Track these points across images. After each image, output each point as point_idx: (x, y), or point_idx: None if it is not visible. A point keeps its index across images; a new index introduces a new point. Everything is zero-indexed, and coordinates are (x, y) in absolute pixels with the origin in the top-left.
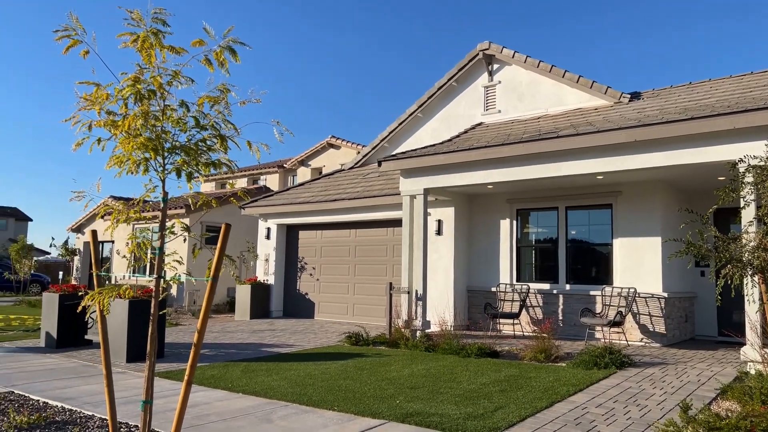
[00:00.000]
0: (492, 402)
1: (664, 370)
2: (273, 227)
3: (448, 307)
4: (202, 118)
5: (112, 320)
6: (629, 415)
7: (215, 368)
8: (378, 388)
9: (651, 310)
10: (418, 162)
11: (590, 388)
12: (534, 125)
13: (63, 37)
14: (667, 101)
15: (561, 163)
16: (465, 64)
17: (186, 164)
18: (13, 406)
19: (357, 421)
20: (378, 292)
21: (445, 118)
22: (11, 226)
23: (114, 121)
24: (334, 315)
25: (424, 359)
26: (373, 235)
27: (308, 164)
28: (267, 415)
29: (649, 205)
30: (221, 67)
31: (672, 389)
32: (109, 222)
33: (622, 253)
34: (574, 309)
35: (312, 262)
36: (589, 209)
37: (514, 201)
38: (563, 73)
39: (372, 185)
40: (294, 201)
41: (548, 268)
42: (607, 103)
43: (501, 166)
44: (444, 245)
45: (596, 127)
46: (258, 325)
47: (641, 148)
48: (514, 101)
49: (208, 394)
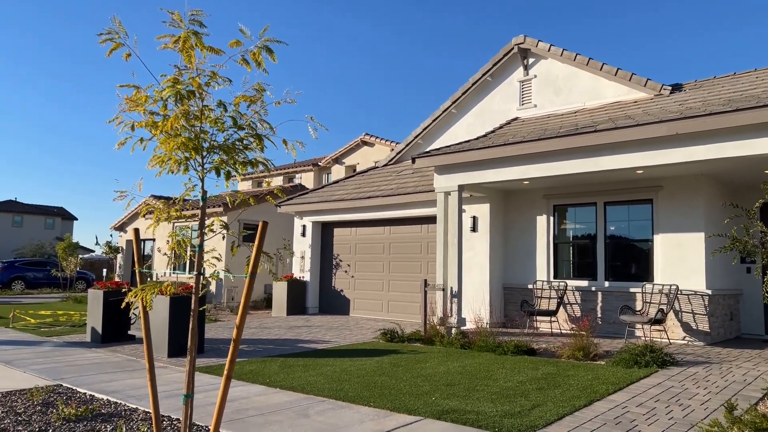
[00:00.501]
0: (529, 400)
1: (708, 369)
2: (308, 225)
3: (484, 305)
4: (239, 117)
5: (154, 316)
6: (671, 415)
7: (254, 363)
8: (413, 384)
9: (694, 307)
10: (453, 158)
11: (630, 387)
12: (571, 119)
13: (106, 41)
14: (710, 92)
15: (599, 157)
16: (500, 59)
17: (224, 163)
18: (62, 398)
19: (393, 417)
20: (412, 289)
21: (480, 114)
22: (58, 225)
23: (155, 121)
24: (369, 312)
25: (460, 356)
26: (408, 232)
27: (342, 162)
28: (304, 410)
29: (692, 199)
30: (258, 67)
31: (716, 389)
32: (150, 220)
33: (663, 249)
34: (613, 306)
35: (347, 259)
36: (629, 204)
37: (550, 197)
38: (601, 65)
39: (406, 182)
40: (328, 199)
41: (586, 264)
42: (647, 96)
43: (537, 162)
44: (479, 242)
45: (635, 121)
46: (294, 322)
47: (683, 141)
48: (550, 95)
49: (247, 389)
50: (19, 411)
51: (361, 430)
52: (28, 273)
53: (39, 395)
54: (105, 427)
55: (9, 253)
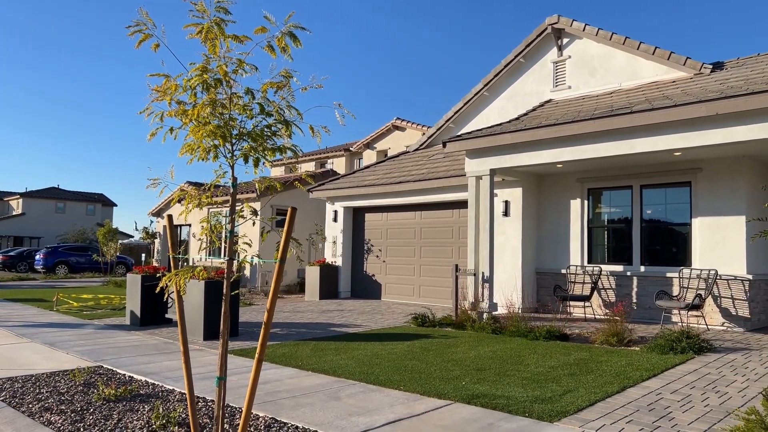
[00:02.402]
0: (560, 385)
1: (747, 356)
2: (340, 210)
3: (516, 290)
4: (267, 104)
5: (189, 300)
6: (707, 402)
7: (286, 347)
8: (444, 369)
9: (733, 292)
10: (484, 142)
11: (665, 373)
12: (606, 101)
13: (135, 32)
14: (753, 70)
15: (635, 140)
16: (533, 40)
17: (253, 150)
18: (102, 379)
19: (423, 401)
20: (444, 274)
21: (512, 96)
22: (98, 211)
23: (185, 110)
24: (401, 296)
25: (491, 341)
26: (439, 217)
27: (374, 147)
28: (335, 392)
29: (733, 182)
30: (283, 53)
31: (755, 376)
32: (184, 207)
33: (701, 233)
34: (649, 292)
35: (378, 244)
36: (666, 187)
37: (585, 180)
38: (638, 44)
39: (437, 167)
40: (360, 184)
41: (621, 249)
42: (686, 75)
43: (571, 144)
44: (511, 227)
45: (673, 101)
46: (327, 306)
47: (723, 121)
48: (585, 76)
49: (280, 372)
50: (62, 391)
51: (391, 413)
52: (70, 258)
53: (81, 376)
54: (143, 407)
55: (53, 238)
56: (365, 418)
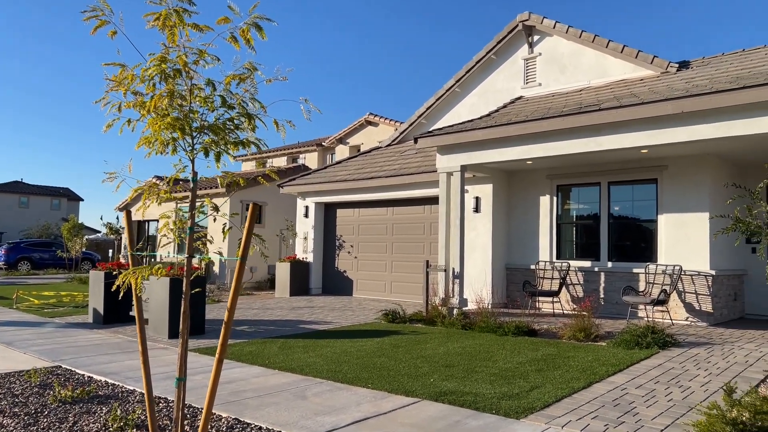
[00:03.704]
0: (528, 381)
1: (709, 350)
2: (311, 205)
3: (486, 285)
4: (229, 97)
5: (154, 298)
6: (671, 397)
7: (254, 344)
8: (413, 366)
9: (697, 288)
10: (455, 138)
11: (631, 368)
12: (575, 98)
13: (91, 18)
14: (717, 70)
15: (603, 137)
16: (504, 36)
17: (214, 144)
18: (59, 380)
19: (390, 398)
20: (415, 270)
21: (484, 93)
22: (64, 206)
23: (143, 101)
24: (372, 292)
25: (461, 337)
26: (410, 213)
27: (346, 142)
28: (302, 392)
29: (697, 179)
30: (247, 45)
31: (717, 370)
32: (151, 201)
33: (667, 229)
34: (616, 287)
35: (350, 240)
36: (633, 184)
37: (554, 177)
38: (607, 42)
39: (409, 162)
40: (331, 179)
41: (589, 245)
42: (653, 74)
43: (540, 141)
44: (482, 223)
45: (640, 99)
46: (297, 302)
47: (689, 119)
48: (555, 73)
49: (246, 371)
50: (17, 392)
51: (357, 411)
52: (34, 254)
53: (37, 377)
54: (101, 408)
55: (16, 234)
56: (331, 417)
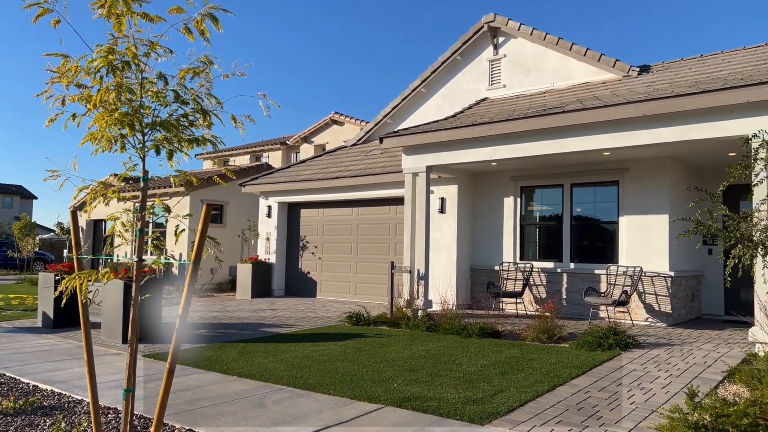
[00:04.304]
0: (492, 385)
1: (669, 351)
2: (274, 205)
3: (451, 286)
4: (184, 92)
5: (108, 301)
6: (633, 400)
7: (212, 349)
8: (376, 370)
9: (657, 289)
10: (421, 138)
11: (593, 370)
12: (539, 100)
13: (32, 5)
14: (677, 74)
15: (567, 139)
16: (469, 37)
17: (167, 141)
18: (1, 389)
19: (352, 405)
20: (380, 271)
21: (449, 94)
22: (16, 204)
23: (89, 95)
24: (336, 294)
25: (425, 340)
26: (376, 214)
27: (311, 141)
28: (261, 399)
29: (658, 182)
30: (202, 36)
31: (677, 372)
32: (112, 200)
33: (628, 231)
34: (578, 288)
35: (314, 240)
36: (595, 186)
37: (518, 178)
38: (570, 46)
39: (374, 162)
40: (295, 179)
41: (552, 246)
42: (615, 77)
43: (505, 143)
44: (447, 223)
45: (603, 102)
46: (259, 305)
47: (650, 123)
48: (520, 76)
49: (203, 377)
50: None
51: (318, 420)
52: None
53: None
54: (44, 421)
55: None
56: (290, 426)
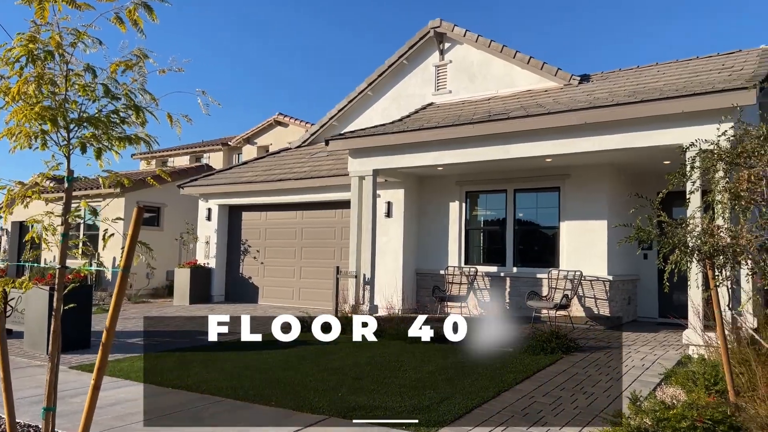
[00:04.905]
0: (438, 392)
1: (609, 354)
2: (214, 208)
3: (397, 291)
4: (115, 86)
5: (32, 309)
6: (576, 404)
7: (146, 359)
8: (320, 379)
9: (596, 292)
10: (368, 141)
11: (537, 374)
12: (485, 106)
13: None
14: (615, 84)
15: (512, 145)
16: (416, 42)
17: (95, 139)
18: None
19: (295, 417)
20: (325, 276)
21: (396, 98)
22: None
23: (8, 87)
24: (279, 300)
25: (371, 346)
26: (321, 217)
27: (254, 142)
28: (197, 413)
29: (597, 188)
30: (135, 27)
31: (617, 375)
32: (33, 202)
33: (568, 236)
34: (521, 292)
35: (256, 244)
36: (537, 192)
37: (463, 183)
38: (514, 53)
39: (320, 165)
40: (237, 180)
41: (496, 250)
42: (557, 85)
43: (452, 148)
44: (393, 228)
45: (547, 109)
46: (197, 311)
47: (592, 130)
48: (465, 81)
49: (135, 390)
50: None
51: None
52: None
53: None
54: None
55: None
56: None
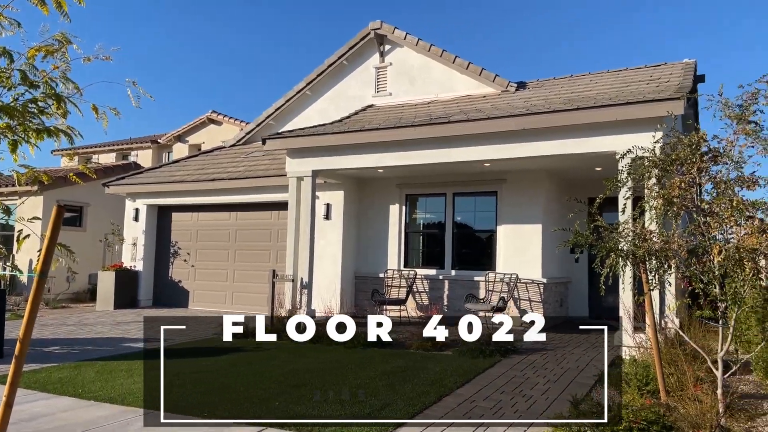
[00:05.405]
0: (379, 399)
1: (545, 356)
2: (142, 208)
3: (335, 295)
4: (33, 73)
5: None
6: (516, 408)
7: (65, 369)
8: (257, 387)
9: (531, 295)
10: (307, 141)
11: (477, 378)
12: (425, 110)
13: None
14: (551, 92)
15: (453, 148)
16: (356, 43)
17: (10, 130)
18: None
19: (230, 430)
20: (260, 280)
21: (335, 98)
22: None
23: None
24: (211, 304)
25: (309, 351)
26: (257, 219)
27: (186, 140)
28: (122, 427)
29: (533, 193)
30: (59, 10)
31: (554, 377)
32: None
33: (505, 239)
34: (459, 294)
35: (187, 246)
36: (476, 196)
37: (403, 186)
38: (453, 58)
39: (256, 165)
40: (167, 179)
41: (435, 253)
42: (494, 92)
43: (393, 150)
44: (332, 230)
45: (487, 114)
46: (123, 317)
47: (529, 136)
48: (406, 84)
49: (53, 403)
50: None
51: None
52: None
53: None
54: None
55: None
56: None
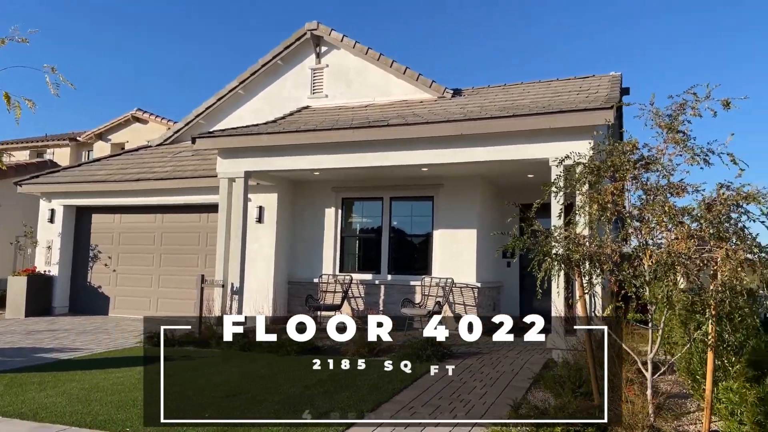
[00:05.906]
0: (315, 407)
1: (480, 360)
2: (59, 209)
3: (268, 301)
4: None
5: None
6: (455, 413)
7: None
8: (184, 400)
9: (465, 299)
10: (240, 141)
11: (415, 383)
12: (362, 113)
13: None
14: (486, 99)
15: (391, 152)
16: (292, 43)
17: None
18: None
19: None
20: (188, 285)
21: (269, 98)
22: None
23: None
24: (134, 311)
25: (240, 360)
26: (185, 221)
27: (108, 139)
28: None
29: (468, 198)
30: None
31: (491, 381)
32: None
33: (441, 244)
34: (396, 299)
35: (108, 250)
36: (413, 201)
37: (339, 189)
38: (391, 62)
39: (184, 165)
40: (87, 179)
41: (371, 258)
42: (431, 97)
43: (330, 152)
44: (265, 234)
45: (425, 119)
46: (35, 325)
47: (467, 141)
48: (342, 87)
49: None
50: None
51: None
52: None
53: None
54: None
55: None
56: None
